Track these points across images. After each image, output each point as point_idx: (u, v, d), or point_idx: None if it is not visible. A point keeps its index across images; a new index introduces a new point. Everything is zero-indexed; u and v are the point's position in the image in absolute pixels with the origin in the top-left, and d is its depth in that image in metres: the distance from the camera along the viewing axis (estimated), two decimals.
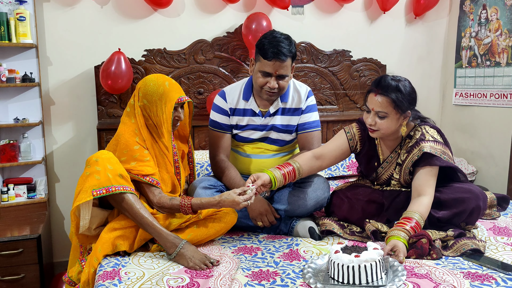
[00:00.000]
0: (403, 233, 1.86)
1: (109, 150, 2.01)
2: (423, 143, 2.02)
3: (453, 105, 3.59)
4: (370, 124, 2.03)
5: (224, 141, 2.39)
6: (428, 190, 1.99)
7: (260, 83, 2.23)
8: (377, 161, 2.19)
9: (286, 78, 2.24)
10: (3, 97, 2.80)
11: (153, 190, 1.99)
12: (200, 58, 3.08)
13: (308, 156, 2.18)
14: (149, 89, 2.02)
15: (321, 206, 2.28)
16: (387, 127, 2.01)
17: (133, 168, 1.96)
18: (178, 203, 1.94)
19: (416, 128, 2.09)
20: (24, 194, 2.81)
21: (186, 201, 1.93)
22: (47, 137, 2.97)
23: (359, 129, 2.22)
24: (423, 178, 2.01)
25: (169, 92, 2.03)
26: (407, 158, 2.07)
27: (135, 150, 1.98)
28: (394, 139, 2.13)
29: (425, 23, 3.57)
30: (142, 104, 2.04)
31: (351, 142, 2.21)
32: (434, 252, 1.83)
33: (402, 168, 2.11)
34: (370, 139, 2.20)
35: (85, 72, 2.97)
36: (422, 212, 1.93)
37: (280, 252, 1.94)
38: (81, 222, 1.84)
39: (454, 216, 2.02)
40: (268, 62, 2.18)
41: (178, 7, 3.06)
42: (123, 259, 1.86)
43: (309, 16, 3.32)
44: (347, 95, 3.39)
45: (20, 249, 2.47)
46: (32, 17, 2.77)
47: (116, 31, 2.99)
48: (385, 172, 2.18)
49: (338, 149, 2.21)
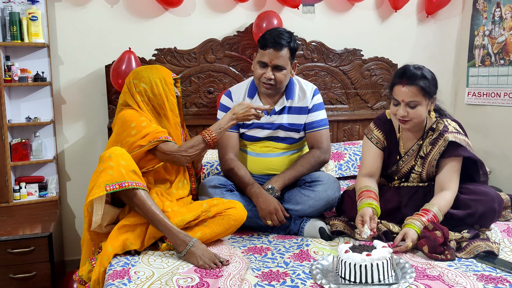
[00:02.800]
0: (418, 223, 1.90)
1: (115, 134, 2.06)
2: (447, 133, 2.03)
3: (465, 105, 3.54)
4: (403, 116, 2.01)
5: (232, 140, 2.39)
6: (451, 185, 2.01)
7: (257, 75, 2.27)
8: (398, 154, 2.19)
9: (284, 71, 2.25)
10: (15, 96, 2.82)
11: (168, 145, 2.04)
12: (210, 57, 3.08)
13: (367, 180, 2.15)
14: (144, 74, 2.13)
15: (332, 206, 2.27)
16: (420, 115, 2.01)
17: (146, 133, 2.01)
18: (201, 138, 2.04)
19: (438, 121, 2.10)
20: (35, 193, 2.83)
21: (208, 133, 2.04)
22: (58, 136, 2.99)
23: (379, 129, 2.22)
24: (447, 172, 2.03)
25: (162, 72, 2.17)
26: (431, 150, 2.08)
27: (142, 120, 2.06)
28: (417, 130, 2.13)
29: (437, 21, 3.54)
30: (142, 89, 2.11)
31: (379, 145, 2.21)
32: (448, 253, 1.81)
33: (426, 161, 2.10)
34: (391, 133, 2.20)
35: (96, 71, 2.98)
36: (441, 206, 1.95)
37: (290, 253, 1.93)
38: (93, 217, 1.86)
39: (468, 216, 2.00)
40: (264, 52, 2.23)
41: (188, 6, 3.06)
42: (133, 258, 1.86)
43: (319, 15, 3.30)
44: (358, 94, 3.36)
45: (31, 247, 2.49)
46: (44, 17, 2.79)
47: (127, 30, 3.00)
48: (405, 166, 2.17)
49: (377, 157, 2.21)
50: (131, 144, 2.01)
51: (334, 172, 2.94)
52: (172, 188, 2.14)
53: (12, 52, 2.77)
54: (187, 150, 2.04)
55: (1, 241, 2.44)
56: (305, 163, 2.33)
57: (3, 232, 2.51)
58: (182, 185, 2.18)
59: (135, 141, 2.01)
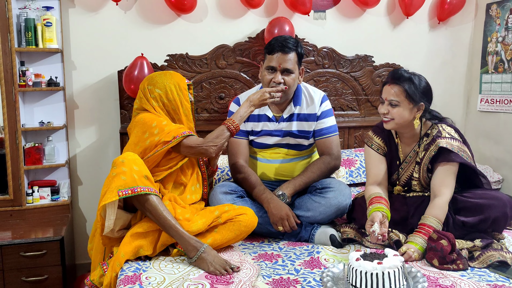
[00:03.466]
0: (421, 240, 1.91)
1: (135, 136, 2.08)
2: (439, 139, 2.05)
3: (478, 111, 3.52)
4: (383, 113, 2.08)
5: (242, 147, 2.40)
6: (444, 190, 2.01)
7: (266, 81, 2.28)
8: (398, 161, 2.20)
9: (292, 75, 2.27)
10: (29, 101, 2.86)
11: (193, 138, 2.08)
12: (221, 63, 3.09)
13: (376, 188, 2.16)
14: (158, 80, 2.16)
15: (343, 213, 2.26)
16: (399, 116, 2.05)
17: (169, 130, 2.04)
18: (224, 127, 2.09)
19: (433, 126, 2.12)
20: (48, 197, 2.86)
21: (230, 122, 2.09)
22: (70, 140, 3.01)
23: (378, 136, 2.24)
24: (440, 177, 2.04)
25: (176, 77, 2.20)
26: (425, 155, 2.09)
27: (162, 119, 2.09)
28: (411, 136, 2.15)
29: (449, 28, 3.52)
30: (157, 94, 2.14)
31: (381, 151, 2.22)
32: (460, 262, 1.79)
33: (420, 166, 2.12)
34: (390, 140, 2.22)
35: (109, 76, 3.01)
36: (438, 216, 1.96)
37: (301, 260, 1.93)
38: (106, 222, 1.87)
39: (480, 222, 1.99)
40: (272, 56, 2.26)
41: (200, 12, 3.08)
42: (144, 264, 1.87)
43: (330, 21, 3.31)
44: (369, 100, 3.35)
45: (43, 251, 2.51)
46: (58, 23, 2.82)
47: (139, 36, 3.02)
48: (405, 173, 2.18)
49: (381, 164, 2.21)
50: (156, 142, 2.03)
51: (345, 179, 2.93)
52: (185, 193, 2.15)
53: (27, 58, 2.80)
54: (213, 140, 2.07)
55: (14, 244, 2.47)
56: (316, 169, 2.33)
57: (16, 235, 2.54)
58: (195, 189, 2.19)
59: (160, 139, 2.03)
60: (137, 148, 2.04)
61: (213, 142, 2.07)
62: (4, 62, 2.63)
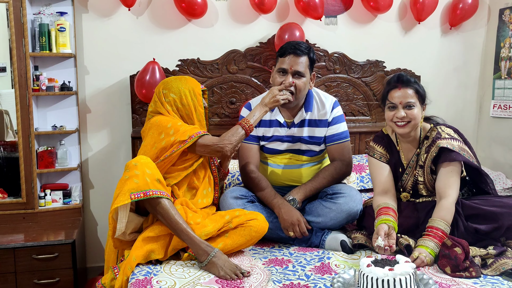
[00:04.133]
0: (432, 243, 1.90)
1: (151, 137, 2.10)
2: (439, 140, 2.08)
3: (490, 117, 3.48)
4: (402, 117, 2.08)
5: (252, 152, 2.41)
6: (449, 191, 2.02)
7: (277, 83, 2.28)
8: (401, 167, 2.21)
9: (303, 79, 2.26)
10: (43, 105, 2.89)
11: (208, 137, 2.11)
12: (232, 68, 3.10)
13: (383, 197, 2.15)
14: (173, 85, 2.18)
15: (353, 219, 2.25)
16: (417, 117, 2.08)
17: (184, 130, 2.06)
18: (238, 126, 2.13)
19: (432, 128, 2.16)
20: (60, 200, 2.88)
21: (245, 122, 2.13)
22: (82, 144, 3.04)
23: (379, 144, 2.26)
24: (443, 178, 2.05)
25: (191, 83, 2.22)
26: (427, 158, 2.11)
27: (177, 120, 2.12)
28: (412, 140, 2.17)
29: (461, 33, 3.50)
30: (171, 99, 2.16)
31: (384, 159, 2.24)
32: (473, 270, 1.77)
33: (424, 169, 2.13)
34: (392, 147, 2.24)
35: (121, 81, 3.03)
36: (445, 218, 1.96)
37: (311, 265, 1.92)
38: (118, 225, 1.88)
39: (494, 230, 1.97)
40: (284, 59, 2.26)
41: (212, 17, 3.10)
42: (155, 268, 1.88)
43: (342, 27, 3.30)
44: (380, 106, 3.33)
45: (55, 254, 2.53)
46: (72, 28, 2.86)
47: (151, 41, 3.05)
48: (410, 178, 2.19)
49: (386, 172, 2.22)
50: (172, 142, 2.05)
51: (355, 185, 2.92)
52: (197, 197, 2.16)
53: (41, 62, 2.84)
54: (229, 139, 2.10)
55: (27, 246, 2.50)
56: (327, 175, 2.33)
57: (29, 238, 2.56)
58: (206, 193, 2.20)
59: (175, 139, 2.05)
60: (153, 149, 2.06)
61: (228, 140, 2.09)
62: (18, 67, 2.67)
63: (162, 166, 2.06)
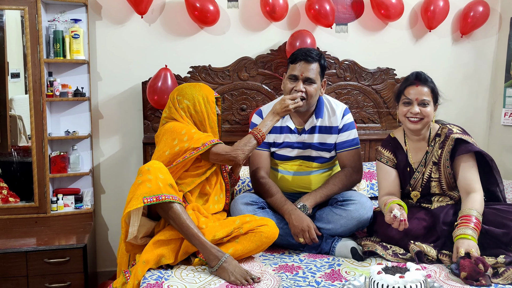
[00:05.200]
0: (470, 230, 1.92)
1: (164, 144, 2.12)
2: (452, 134, 2.15)
3: (502, 126, 3.47)
4: (416, 113, 2.14)
5: (263, 159, 2.42)
6: (475, 186, 2.09)
7: (288, 89, 2.30)
8: (409, 168, 2.25)
9: (314, 85, 2.28)
10: (56, 111, 2.93)
11: (222, 146, 2.13)
12: (243, 75, 3.12)
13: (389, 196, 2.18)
14: (187, 91, 2.22)
15: (364, 226, 2.25)
16: (430, 114, 2.16)
17: (198, 137, 2.09)
18: (250, 135, 2.16)
19: (442, 127, 2.23)
20: (71, 204, 2.91)
21: (257, 131, 2.15)
22: (94, 149, 3.07)
23: (386, 149, 2.31)
24: (465, 173, 2.11)
25: (205, 90, 2.26)
26: (442, 153, 2.16)
27: (190, 127, 2.15)
28: (421, 139, 2.23)
29: (472, 41, 3.49)
30: (185, 105, 2.20)
31: (390, 163, 2.29)
32: (483, 278, 1.76)
33: (440, 165, 2.17)
34: (399, 148, 2.29)
35: (133, 87, 3.06)
36: (478, 209, 2.00)
37: (321, 272, 1.92)
38: (130, 228, 1.91)
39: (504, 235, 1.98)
40: (295, 66, 2.28)
41: (223, 25, 3.13)
42: (166, 272, 1.89)
43: (353, 34, 3.32)
44: (391, 113, 3.34)
45: (67, 258, 2.55)
46: (85, 35, 2.90)
47: (163, 48, 3.08)
48: (422, 176, 2.21)
49: (392, 176, 2.28)
50: (186, 149, 2.08)
51: (366, 192, 2.92)
52: (209, 203, 2.18)
53: (55, 68, 2.88)
54: (242, 148, 2.13)
55: (38, 250, 2.52)
56: (337, 182, 2.33)
57: (41, 242, 2.59)
58: (217, 199, 2.22)
59: (189, 145, 2.08)
60: (166, 154, 2.09)
61: (241, 150, 2.12)
62: (33, 73, 2.71)
63: (175, 171, 2.08)
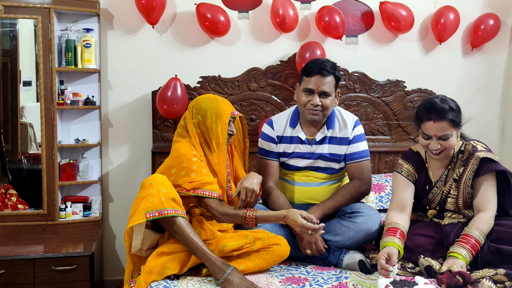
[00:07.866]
0: (464, 251, 1.90)
1: (165, 166, 2.09)
2: (477, 153, 2.09)
3: None
4: (436, 149, 2.06)
5: (272, 169, 2.41)
6: (488, 206, 2.03)
7: (303, 102, 2.29)
8: (428, 184, 2.20)
9: (329, 98, 2.28)
10: (67, 119, 2.95)
11: (214, 202, 2.04)
12: (253, 85, 3.13)
13: (398, 215, 2.12)
14: (202, 105, 2.14)
15: (372, 239, 2.23)
16: (452, 145, 2.08)
17: (193, 180, 2.02)
18: (242, 215, 2.00)
19: (465, 143, 2.16)
20: (80, 212, 2.92)
21: (251, 213, 1.99)
22: (104, 157, 3.09)
23: (408, 163, 2.24)
24: (482, 192, 2.07)
25: (222, 106, 2.15)
26: (464, 171, 2.10)
27: (193, 162, 2.06)
28: (445, 157, 2.15)
29: (482, 54, 3.48)
30: (197, 120, 2.13)
31: (410, 177, 2.22)
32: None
33: (461, 183, 2.12)
34: (421, 164, 2.23)
35: (143, 96, 3.08)
36: (482, 229, 1.96)
37: (328, 284, 1.90)
38: (133, 242, 1.90)
39: None
40: (310, 79, 2.26)
41: (234, 36, 3.14)
42: (172, 282, 1.89)
43: (363, 46, 3.32)
44: (400, 125, 3.32)
45: (74, 265, 2.56)
46: (97, 44, 2.93)
47: (174, 58, 3.10)
48: (440, 192, 2.17)
49: (408, 190, 2.21)
50: (178, 184, 2.03)
51: (374, 204, 2.89)
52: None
53: (66, 77, 2.91)
54: (228, 218, 2.04)
55: (46, 258, 2.53)
56: (346, 193, 2.31)
57: (48, 249, 2.60)
58: None
59: (183, 182, 2.03)
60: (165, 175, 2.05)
61: (227, 219, 2.04)
62: (44, 81, 2.74)
63: None
